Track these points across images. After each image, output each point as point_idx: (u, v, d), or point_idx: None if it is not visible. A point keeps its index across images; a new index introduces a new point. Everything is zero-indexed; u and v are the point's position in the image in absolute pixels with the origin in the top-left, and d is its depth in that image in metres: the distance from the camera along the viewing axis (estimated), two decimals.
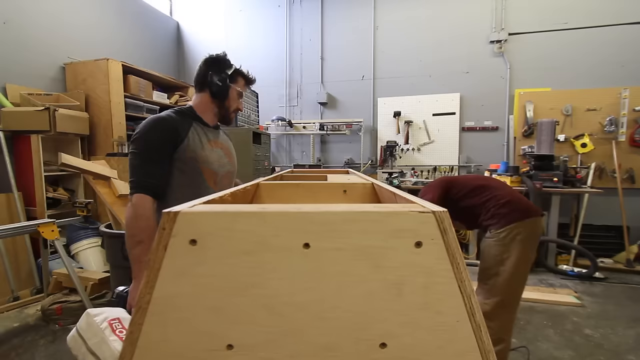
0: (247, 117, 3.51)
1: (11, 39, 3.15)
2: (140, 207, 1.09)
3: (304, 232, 0.38)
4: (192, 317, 0.38)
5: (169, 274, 0.38)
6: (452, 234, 0.37)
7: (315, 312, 0.38)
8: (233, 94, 1.32)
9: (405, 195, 0.56)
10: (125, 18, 4.49)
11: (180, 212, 0.38)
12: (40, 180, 3.01)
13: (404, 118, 4.67)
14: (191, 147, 1.19)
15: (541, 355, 2.07)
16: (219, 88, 1.28)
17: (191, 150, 1.19)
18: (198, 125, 1.27)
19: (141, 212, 1.09)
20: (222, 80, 1.28)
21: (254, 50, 5.19)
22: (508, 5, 4.29)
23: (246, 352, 0.38)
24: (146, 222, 1.09)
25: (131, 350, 0.38)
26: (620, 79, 3.95)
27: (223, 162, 1.32)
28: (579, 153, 4.00)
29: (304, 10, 5.00)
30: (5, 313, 2.61)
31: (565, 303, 2.77)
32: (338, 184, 0.91)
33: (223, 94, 1.29)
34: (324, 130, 4.86)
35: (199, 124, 1.28)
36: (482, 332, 0.37)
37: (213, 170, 1.26)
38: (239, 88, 1.33)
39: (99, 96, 3.57)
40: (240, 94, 1.35)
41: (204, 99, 1.31)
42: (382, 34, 4.76)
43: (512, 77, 4.33)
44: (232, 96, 1.32)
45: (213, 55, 1.30)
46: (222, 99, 1.31)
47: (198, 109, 1.31)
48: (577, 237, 3.76)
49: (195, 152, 1.20)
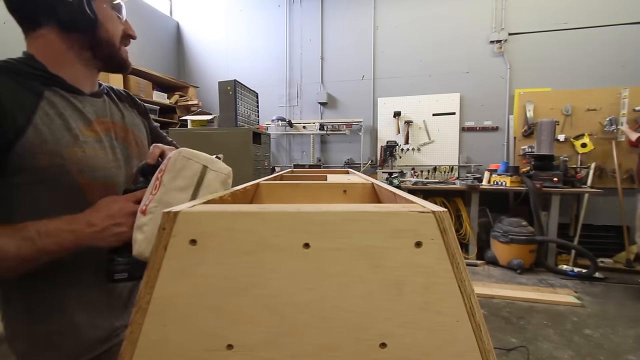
0: (247, 117, 3.51)
1: (11, 39, 3.14)
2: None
3: (304, 232, 0.38)
4: (192, 317, 0.38)
5: (169, 274, 0.38)
6: (452, 234, 0.37)
7: (316, 312, 0.38)
8: (106, 12, 0.69)
9: (405, 195, 0.56)
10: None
11: (180, 212, 0.38)
12: None
13: (404, 118, 4.67)
14: (47, 142, 0.61)
15: (541, 355, 2.07)
16: (74, 9, 0.63)
17: (48, 149, 0.61)
18: (57, 95, 0.66)
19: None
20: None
21: (254, 50, 5.20)
22: (508, 5, 4.29)
23: (246, 352, 0.38)
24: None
25: (131, 350, 0.38)
26: (620, 79, 3.95)
27: (126, 159, 0.74)
28: (579, 153, 4.00)
29: (304, 10, 5.00)
30: None
31: (565, 303, 2.77)
32: (338, 184, 0.91)
33: (85, 17, 0.65)
34: (324, 130, 4.86)
35: (59, 92, 0.66)
36: (482, 332, 0.37)
37: (107, 182, 0.68)
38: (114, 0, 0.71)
39: None
40: (118, 6, 0.72)
41: (52, 41, 0.66)
42: (382, 33, 4.76)
43: (512, 77, 4.33)
44: (105, 16, 0.69)
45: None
46: (88, 29, 0.67)
47: (48, 62, 0.67)
48: (577, 237, 3.77)
49: (58, 152, 0.62)
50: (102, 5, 0.68)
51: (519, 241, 3.50)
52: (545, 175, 3.64)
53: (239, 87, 3.32)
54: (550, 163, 3.74)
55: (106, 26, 0.69)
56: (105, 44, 0.70)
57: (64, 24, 0.65)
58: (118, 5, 0.71)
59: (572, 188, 3.68)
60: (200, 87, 5.19)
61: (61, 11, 0.63)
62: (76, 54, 0.69)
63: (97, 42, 0.69)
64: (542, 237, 3.56)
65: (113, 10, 0.70)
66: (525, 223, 3.63)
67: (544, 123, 3.83)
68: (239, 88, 3.30)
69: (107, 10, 0.69)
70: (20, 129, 0.58)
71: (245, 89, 3.50)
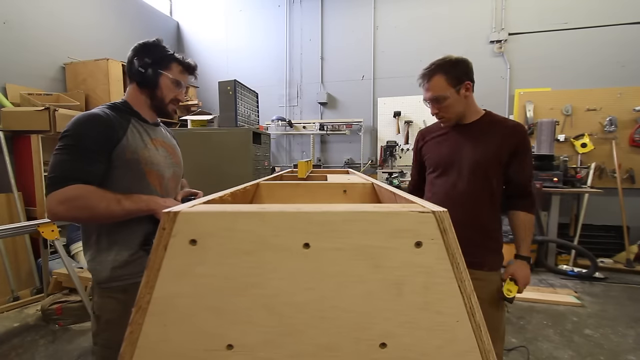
0: (247, 117, 3.51)
1: (11, 39, 3.15)
2: (79, 191, 0.94)
3: (303, 232, 0.38)
4: (192, 317, 0.38)
5: (169, 274, 0.38)
6: (452, 234, 0.37)
7: (315, 312, 0.38)
8: (165, 83, 1.15)
9: (405, 195, 0.56)
10: (125, 18, 4.49)
11: (180, 212, 0.38)
12: (40, 180, 3.00)
13: (404, 118, 4.66)
14: (132, 146, 1.06)
15: (541, 355, 2.07)
16: (145, 77, 1.12)
17: (132, 150, 1.05)
18: (137, 122, 1.13)
19: (83, 192, 0.94)
20: (145, 67, 1.11)
21: (254, 50, 5.20)
22: (508, 5, 4.29)
23: (246, 352, 0.38)
24: (96, 193, 0.96)
25: (131, 350, 0.38)
26: (620, 79, 3.95)
27: (168, 162, 1.20)
28: (579, 153, 4.00)
29: (304, 10, 5.00)
30: (5, 313, 2.61)
31: (565, 303, 2.77)
32: (338, 184, 0.91)
33: (152, 83, 1.13)
34: (324, 130, 4.86)
35: (138, 121, 1.14)
36: (482, 332, 0.37)
37: (159, 172, 1.13)
38: (171, 75, 1.15)
39: (99, 96, 3.57)
40: (176, 82, 1.17)
41: (135, 92, 1.16)
42: (382, 34, 4.76)
43: (512, 77, 4.33)
44: (164, 85, 1.15)
45: (141, 42, 1.14)
46: (152, 89, 1.14)
47: (133, 104, 1.16)
48: (577, 237, 3.76)
49: (136, 152, 1.07)
50: (166, 79, 1.15)
51: None
52: (545, 175, 3.64)
53: (239, 87, 3.31)
54: (550, 163, 3.74)
55: (162, 91, 1.16)
56: (160, 101, 1.18)
57: (140, 84, 1.16)
58: (178, 82, 1.18)
59: (572, 188, 3.68)
60: (200, 87, 5.19)
61: (139, 77, 1.14)
62: (145, 101, 1.18)
63: (156, 98, 1.17)
64: (542, 237, 3.56)
65: (172, 84, 1.17)
66: None
67: (544, 123, 3.83)
68: (239, 88, 3.30)
69: (166, 82, 1.16)
70: (120, 138, 1.05)
71: (245, 89, 3.50)
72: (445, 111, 1.27)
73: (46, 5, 3.46)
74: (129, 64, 1.14)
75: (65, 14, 3.67)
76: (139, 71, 1.11)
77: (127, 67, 1.15)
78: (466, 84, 1.23)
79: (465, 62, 1.25)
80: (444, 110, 1.27)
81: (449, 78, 1.22)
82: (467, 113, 1.29)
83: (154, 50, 1.14)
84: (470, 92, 1.26)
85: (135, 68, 1.12)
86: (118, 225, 1.05)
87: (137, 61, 1.12)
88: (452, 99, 1.23)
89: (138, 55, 1.12)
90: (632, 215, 3.80)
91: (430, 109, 1.30)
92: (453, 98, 1.23)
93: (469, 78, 1.24)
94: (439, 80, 1.23)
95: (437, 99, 1.25)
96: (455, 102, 1.24)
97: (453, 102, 1.24)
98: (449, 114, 1.27)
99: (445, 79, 1.22)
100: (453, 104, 1.24)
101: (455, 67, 1.23)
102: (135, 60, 1.12)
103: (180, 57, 1.18)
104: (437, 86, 1.23)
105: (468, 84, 1.24)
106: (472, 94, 1.28)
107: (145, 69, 1.12)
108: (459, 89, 1.23)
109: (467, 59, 1.25)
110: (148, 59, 1.12)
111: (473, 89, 1.27)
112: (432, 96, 1.25)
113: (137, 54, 1.13)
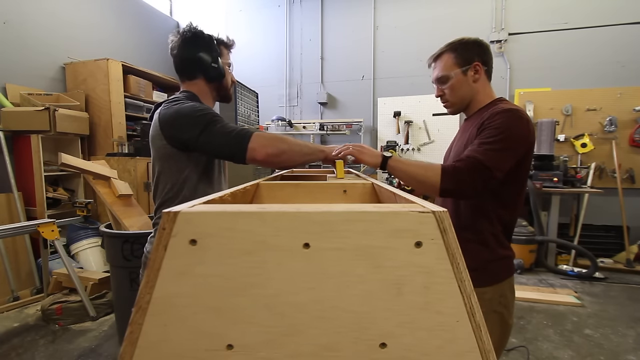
0: (247, 117, 3.51)
1: (11, 39, 3.15)
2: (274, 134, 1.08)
3: (303, 232, 0.38)
4: (192, 317, 0.38)
5: (169, 274, 0.38)
6: (452, 234, 0.37)
7: (315, 312, 0.38)
8: (226, 70, 1.21)
9: (405, 195, 0.56)
10: (125, 18, 4.49)
11: (180, 212, 0.38)
12: (40, 180, 3.01)
13: (404, 118, 4.67)
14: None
15: (541, 355, 2.07)
16: (215, 71, 1.15)
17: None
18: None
19: (279, 135, 1.06)
20: (215, 60, 1.14)
21: (254, 50, 5.20)
22: (508, 5, 4.29)
23: (246, 352, 0.38)
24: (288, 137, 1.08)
25: (131, 350, 0.38)
26: (620, 79, 3.95)
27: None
28: (579, 153, 4.00)
29: (304, 10, 5.00)
30: (5, 313, 2.61)
31: (565, 303, 2.77)
32: (338, 184, 0.91)
33: (221, 75, 1.17)
34: (324, 130, 4.86)
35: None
36: (482, 332, 0.37)
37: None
38: (225, 60, 1.20)
39: (99, 96, 3.57)
40: (229, 65, 1.23)
41: (201, 87, 1.19)
42: (382, 33, 4.76)
43: (512, 77, 4.33)
44: (227, 72, 1.21)
45: (188, 33, 1.12)
46: (220, 80, 1.19)
47: (200, 96, 1.20)
48: (577, 237, 3.77)
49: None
50: (225, 66, 1.20)
51: (519, 241, 3.50)
52: (545, 175, 3.64)
53: (239, 87, 3.32)
54: (550, 163, 3.74)
55: (227, 79, 1.23)
56: (225, 89, 1.24)
57: (209, 78, 1.18)
58: (229, 64, 1.23)
59: (572, 188, 3.68)
60: None
61: (211, 72, 1.16)
62: (210, 92, 1.22)
63: (222, 88, 1.23)
64: (542, 237, 3.56)
65: (228, 68, 1.22)
66: (525, 223, 3.63)
67: (544, 123, 3.83)
68: (239, 88, 3.30)
69: (225, 68, 1.20)
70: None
71: (245, 88, 3.50)
72: (449, 94, 1.15)
73: (46, 5, 3.46)
74: (186, 60, 1.14)
75: (66, 14, 3.67)
76: (212, 66, 1.14)
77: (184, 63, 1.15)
78: (475, 65, 1.10)
79: (478, 42, 1.13)
80: (448, 93, 1.15)
81: (457, 56, 1.11)
82: (475, 101, 1.15)
83: (209, 41, 1.14)
84: (480, 75, 1.12)
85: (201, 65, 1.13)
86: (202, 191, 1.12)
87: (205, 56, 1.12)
88: (456, 79, 1.12)
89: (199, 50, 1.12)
90: (632, 215, 3.80)
91: (435, 91, 1.20)
92: (457, 79, 1.12)
93: (482, 60, 1.11)
94: (446, 59, 1.13)
95: (440, 79, 1.15)
96: (459, 83, 1.12)
97: (457, 84, 1.12)
98: (453, 98, 1.15)
99: (453, 58, 1.12)
100: (457, 85, 1.12)
101: (465, 47, 1.12)
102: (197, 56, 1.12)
103: (224, 39, 1.20)
104: (443, 65, 1.14)
105: (477, 65, 1.10)
106: (485, 79, 1.14)
107: (217, 64, 1.15)
108: (467, 69, 1.11)
109: (483, 41, 1.13)
110: (211, 53, 1.14)
111: (490, 76, 1.14)
112: (437, 75, 1.16)
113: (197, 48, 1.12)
